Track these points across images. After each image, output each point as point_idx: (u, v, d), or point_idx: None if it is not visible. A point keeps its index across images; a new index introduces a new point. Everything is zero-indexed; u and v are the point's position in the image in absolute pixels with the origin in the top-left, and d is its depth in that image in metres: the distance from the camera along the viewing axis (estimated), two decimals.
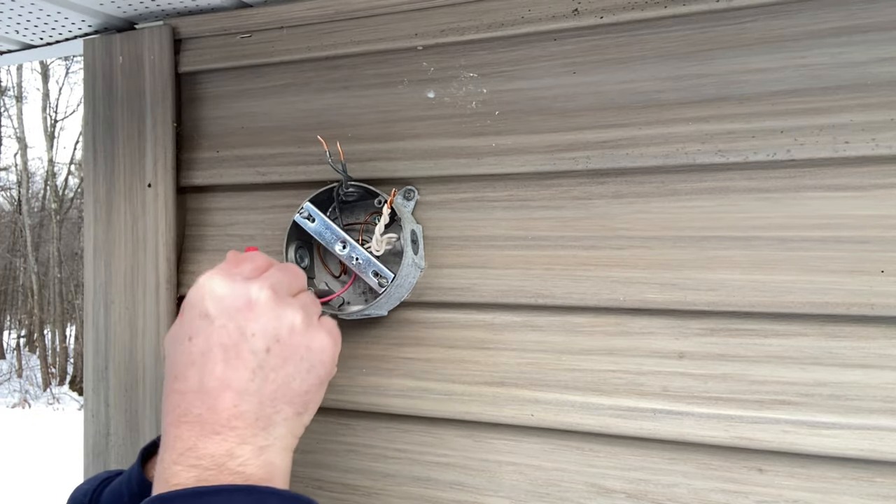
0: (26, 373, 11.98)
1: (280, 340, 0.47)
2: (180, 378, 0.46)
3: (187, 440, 0.44)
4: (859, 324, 0.54)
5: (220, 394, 0.45)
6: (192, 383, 0.45)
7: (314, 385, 0.48)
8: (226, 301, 0.47)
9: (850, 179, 0.55)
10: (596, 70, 0.61)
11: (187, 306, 0.48)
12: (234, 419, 0.44)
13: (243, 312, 0.46)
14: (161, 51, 0.74)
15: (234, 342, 0.46)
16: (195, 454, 0.43)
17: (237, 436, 0.44)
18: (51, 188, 12.59)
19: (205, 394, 0.45)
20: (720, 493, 0.57)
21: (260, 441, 0.45)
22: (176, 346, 0.47)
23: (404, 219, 0.64)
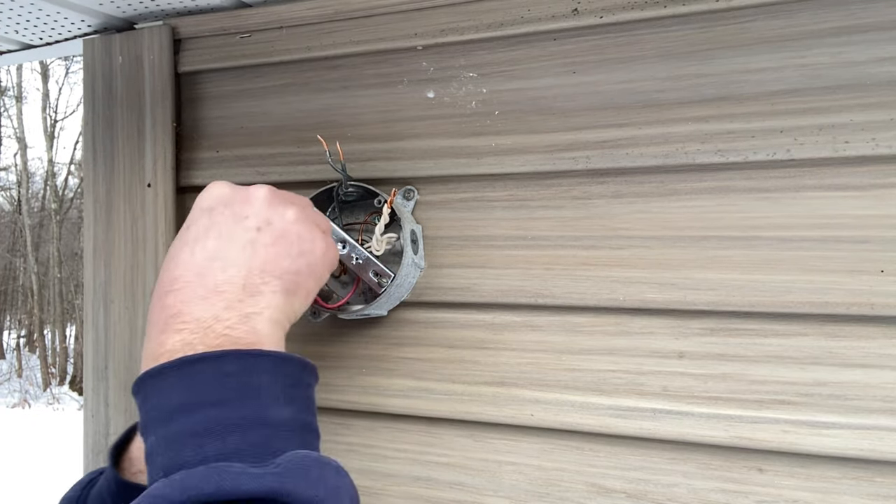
0: (26, 373, 11.97)
1: (272, 223, 0.49)
2: (172, 258, 0.47)
3: (172, 307, 0.44)
4: (859, 324, 0.54)
5: (209, 263, 0.46)
6: (184, 258, 0.46)
7: (303, 268, 0.49)
8: (225, 196, 0.49)
9: (850, 179, 0.55)
10: (596, 70, 0.61)
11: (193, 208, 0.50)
12: (222, 284, 0.45)
13: (240, 203, 0.49)
14: (161, 51, 0.74)
15: (228, 225, 0.48)
16: (180, 319, 0.44)
17: (223, 300, 0.44)
18: (51, 188, 12.59)
19: (194, 265, 0.46)
20: (720, 492, 0.57)
21: (247, 307, 0.45)
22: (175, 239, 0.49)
23: (404, 219, 0.64)
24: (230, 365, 0.41)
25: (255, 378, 0.42)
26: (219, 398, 0.40)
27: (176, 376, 0.41)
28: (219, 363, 0.41)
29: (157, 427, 0.40)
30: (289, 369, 0.44)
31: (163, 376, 0.41)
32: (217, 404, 0.40)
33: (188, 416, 0.40)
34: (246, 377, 0.41)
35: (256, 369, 0.42)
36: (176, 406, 0.40)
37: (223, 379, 0.41)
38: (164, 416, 0.40)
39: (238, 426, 0.40)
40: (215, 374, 0.41)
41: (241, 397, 0.41)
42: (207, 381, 0.41)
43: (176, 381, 0.41)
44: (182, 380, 0.41)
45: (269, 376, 0.42)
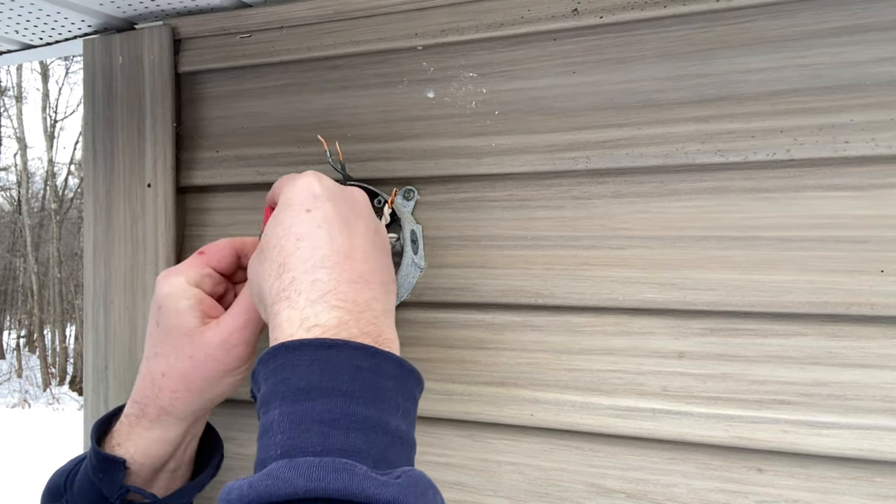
0: (26, 373, 11.98)
1: (378, 232, 0.50)
2: (306, 238, 0.45)
3: (328, 283, 0.43)
4: (859, 324, 0.54)
5: (351, 250, 0.45)
6: (323, 240, 0.45)
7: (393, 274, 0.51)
8: (334, 189, 0.49)
9: (850, 179, 0.55)
10: (596, 70, 0.61)
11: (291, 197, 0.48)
12: (367, 274, 0.45)
13: (349, 201, 0.49)
14: (161, 51, 0.74)
15: (351, 218, 0.48)
16: (338, 296, 0.43)
17: (371, 290, 0.44)
18: (51, 188, 12.59)
19: (339, 247, 0.45)
20: (720, 493, 0.57)
21: (387, 303, 0.46)
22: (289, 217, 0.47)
23: (404, 219, 0.64)
24: (363, 360, 0.41)
25: (382, 380, 0.41)
26: (350, 389, 0.39)
27: (311, 357, 0.40)
28: (354, 354, 0.41)
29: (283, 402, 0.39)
30: (409, 381, 0.43)
31: (300, 352, 0.40)
32: (347, 395, 0.39)
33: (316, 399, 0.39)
34: (375, 377, 0.41)
35: (385, 372, 0.41)
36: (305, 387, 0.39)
37: (356, 371, 0.40)
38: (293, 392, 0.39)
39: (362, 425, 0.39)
40: (350, 365, 0.40)
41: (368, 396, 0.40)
42: (342, 369, 0.40)
43: (310, 360, 0.40)
44: (316, 362, 0.40)
45: (393, 382, 0.42)
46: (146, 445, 0.55)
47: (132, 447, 0.55)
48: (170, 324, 0.54)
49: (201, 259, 0.56)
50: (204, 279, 0.56)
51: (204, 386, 0.53)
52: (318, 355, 0.40)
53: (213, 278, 0.57)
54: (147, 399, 0.55)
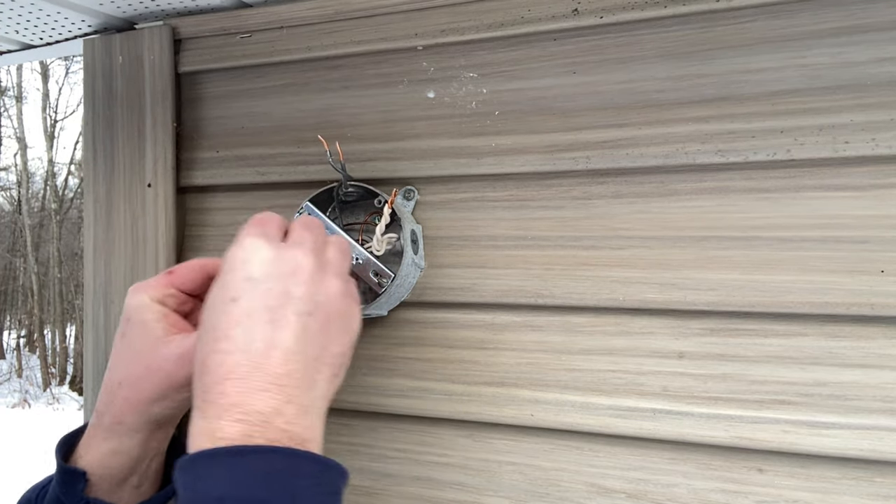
0: (26, 373, 11.97)
1: (319, 305, 0.48)
2: (222, 339, 0.45)
3: (232, 396, 0.43)
4: (859, 324, 0.54)
5: (268, 353, 0.45)
6: (239, 343, 0.45)
7: (347, 347, 0.50)
8: (271, 265, 0.47)
9: (850, 179, 0.55)
10: (596, 70, 0.61)
11: (229, 268, 0.48)
12: (283, 377, 0.44)
13: (288, 277, 0.47)
14: (161, 51, 0.74)
15: (280, 304, 0.46)
16: (241, 410, 0.43)
17: (284, 394, 0.44)
18: (51, 188, 12.59)
19: (252, 353, 0.45)
20: (720, 493, 0.57)
21: (304, 401, 0.45)
22: (218, 307, 0.47)
23: (404, 219, 0.64)
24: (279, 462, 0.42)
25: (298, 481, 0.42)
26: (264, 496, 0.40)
27: (226, 463, 0.41)
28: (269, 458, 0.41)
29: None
30: (331, 476, 0.44)
31: (213, 460, 0.41)
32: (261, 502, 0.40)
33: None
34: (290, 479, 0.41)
35: (301, 472, 0.42)
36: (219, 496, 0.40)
37: (269, 476, 0.41)
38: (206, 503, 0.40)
39: None
40: (263, 469, 0.41)
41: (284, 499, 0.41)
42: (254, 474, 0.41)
43: (225, 468, 0.41)
44: (230, 469, 0.41)
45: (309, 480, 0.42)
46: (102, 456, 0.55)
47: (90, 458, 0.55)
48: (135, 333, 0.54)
49: (168, 279, 0.57)
50: (167, 298, 0.57)
51: (152, 397, 0.54)
52: (231, 463, 0.41)
53: (178, 298, 0.58)
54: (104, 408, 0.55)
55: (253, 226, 0.51)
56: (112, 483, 0.55)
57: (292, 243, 0.50)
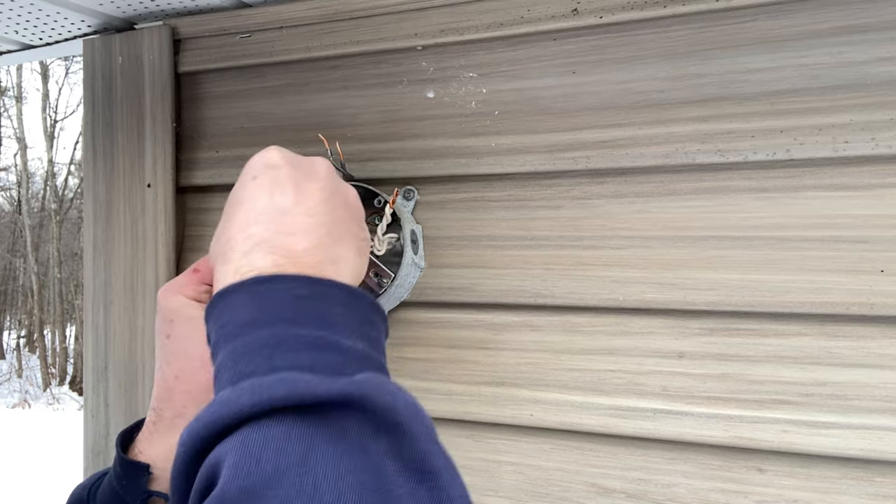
0: (26, 373, 11.98)
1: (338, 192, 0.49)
2: (247, 200, 0.46)
3: (260, 235, 0.43)
4: (859, 323, 0.54)
5: (294, 207, 0.45)
6: (262, 200, 0.45)
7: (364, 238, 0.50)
8: (290, 156, 0.49)
9: (850, 179, 0.55)
10: (596, 70, 0.61)
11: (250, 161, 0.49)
12: (309, 226, 0.44)
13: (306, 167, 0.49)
14: (161, 51, 0.74)
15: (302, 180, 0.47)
16: (269, 245, 0.42)
17: (311, 239, 0.44)
18: (51, 188, 12.60)
19: (278, 205, 0.45)
20: (720, 492, 0.57)
21: (333, 252, 0.45)
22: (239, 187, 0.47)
23: (404, 219, 0.64)
24: (303, 289, 0.40)
25: (328, 307, 0.40)
26: (293, 316, 0.38)
27: (249, 293, 0.40)
28: (292, 285, 0.40)
29: (226, 343, 0.39)
30: (362, 306, 0.42)
31: (237, 293, 0.40)
32: (290, 322, 0.38)
33: (260, 329, 0.38)
34: (319, 303, 0.40)
35: (330, 298, 0.40)
36: (247, 320, 0.39)
37: (296, 301, 0.39)
38: (234, 330, 0.39)
39: (312, 345, 0.37)
40: (290, 295, 0.39)
41: (315, 321, 0.39)
42: (281, 299, 0.39)
43: (249, 297, 0.40)
44: (255, 297, 0.39)
45: (341, 308, 0.40)
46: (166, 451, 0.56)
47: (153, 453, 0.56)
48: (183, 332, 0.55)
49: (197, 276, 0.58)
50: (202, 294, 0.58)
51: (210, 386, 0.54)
52: (255, 290, 0.40)
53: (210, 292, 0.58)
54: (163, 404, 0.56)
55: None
56: None
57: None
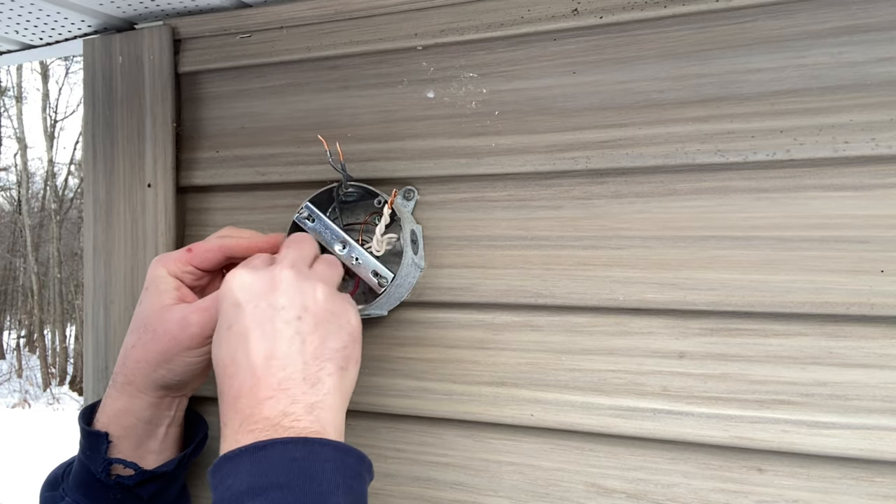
0: (26, 373, 11.97)
1: (308, 308, 0.51)
2: (228, 363, 0.50)
3: (244, 411, 0.47)
4: (859, 324, 0.54)
5: (266, 363, 0.48)
6: (241, 363, 0.49)
7: (348, 341, 0.52)
8: (252, 286, 0.52)
9: (850, 179, 0.55)
10: (596, 70, 0.61)
11: (220, 301, 0.53)
12: (284, 382, 0.48)
13: (269, 293, 0.51)
14: (161, 51, 0.74)
15: (268, 317, 0.50)
16: (252, 421, 0.47)
17: (288, 396, 0.48)
18: (51, 188, 12.59)
19: (252, 368, 0.49)
20: (720, 493, 0.57)
21: (310, 398, 0.48)
22: (218, 338, 0.52)
23: (404, 219, 0.64)
24: (297, 451, 0.45)
25: (318, 465, 0.45)
26: (285, 482, 0.43)
27: (248, 459, 0.44)
28: (287, 448, 0.45)
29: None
30: (349, 461, 0.47)
31: (239, 458, 0.45)
32: (283, 488, 0.43)
33: (256, 498, 0.43)
34: (310, 463, 0.44)
35: (320, 457, 0.45)
36: (246, 489, 0.43)
37: (290, 463, 0.44)
38: (235, 497, 0.44)
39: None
40: (283, 459, 0.44)
41: (304, 483, 0.44)
42: (275, 464, 0.44)
43: (248, 463, 0.44)
44: (253, 463, 0.44)
45: (331, 464, 0.45)
46: (115, 413, 0.59)
47: (105, 418, 0.59)
48: (148, 301, 0.59)
49: (186, 256, 0.61)
50: (184, 274, 0.61)
51: (159, 359, 0.57)
52: (254, 456, 0.45)
53: (194, 274, 0.62)
54: (118, 369, 0.60)
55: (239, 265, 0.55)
56: (131, 445, 0.59)
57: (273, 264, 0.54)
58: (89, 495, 0.58)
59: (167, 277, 0.60)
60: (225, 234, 0.63)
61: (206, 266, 0.61)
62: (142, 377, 0.58)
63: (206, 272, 0.62)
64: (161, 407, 0.60)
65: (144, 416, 0.59)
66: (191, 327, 0.56)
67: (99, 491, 0.58)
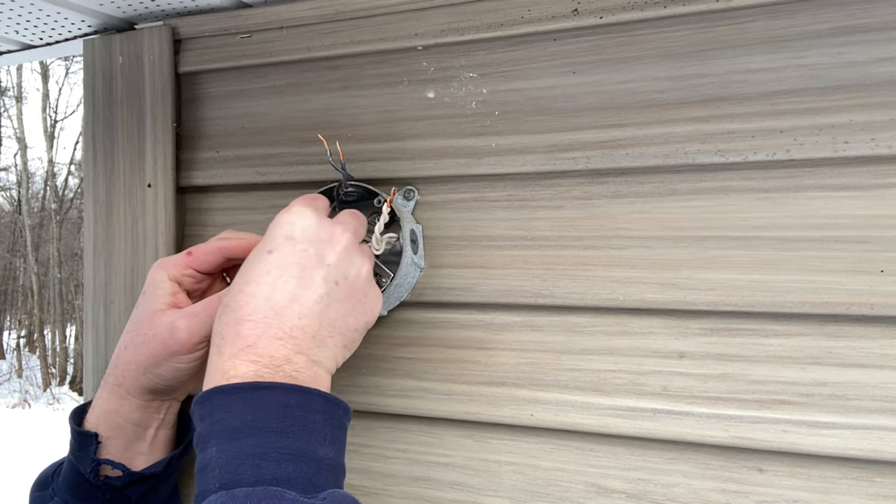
0: (26, 373, 11.98)
1: (347, 278, 0.52)
2: (252, 282, 0.50)
3: (248, 338, 0.47)
4: (859, 324, 0.54)
5: (288, 305, 0.49)
6: (265, 289, 0.49)
7: (361, 326, 0.53)
8: (311, 230, 0.52)
9: (850, 179, 0.55)
10: (596, 70, 0.61)
11: (273, 226, 0.53)
12: (296, 330, 0.48)
13: (325, 244, 0.52)
14: (161, 51, 0.74)
15: (311, 266, 0.50)
16: (255, 352, 0.47)
17: (295, 345, 0.48)
18: (51, 188, 12.60)
19: (274, 301, 0.49)
20: (720, 493, 0.57)
21: (313, 355, 0.49)
22: (255, 256, 0.52)
23: (404, 218, 0.64)
24: (293, 398, 0.45)
25: (310, 415, 0.46)
26: (280, 427, 0.44)
27: (244, 399, 0.45)
28: (284, 394, 0.45)
29: (219, 440, 0.44)
30: (336, 412, 0.48)
31: (232, 395, 0.45)
32: (278, 432, 0.44)
33: (251, 437, 0.44)
34: (303, 412, 0.45)
35: (313, 407, 0.46)
36: (241, 426, 0.44)
37: (285, 409, 0.45)
38: (228, 431, 0.44)
39: (292, 456, 0.44)
40: (279, 404, 0.45)
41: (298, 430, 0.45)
42: (272, 408, 0.44)
43: (242, 402, 0.45)
44: (250, 403, 0.45)
45: (321, 415, 0.46)
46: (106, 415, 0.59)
47: (95, 418, 0.60)
48: (144, 306, 0.60)
49: (186, 259, 0.62)
50: (185, 278, 0.62)
51: (148, 363, 0.57)
52: (251, 396, 0.45)
53: (195, 277, 0.62)
54: (110, 370, 0.60)
55: (303, 198, 0.55)
56: (120, 446, 0.60)
57: (336, 220, 0.54)
58: (78, 496, 0.58)
59: (165, 282, 0.60)
60: (224, 237, 0.63)
61: (207, 268, 0.62)
62: (131, 379, 0.58)
63: (206, 275, 0.63)
64: (150, 410, 0.60)
65: (134, 417, 0.59)
66: (178, 332, 0.56)
67: (87, 491, 0.58)
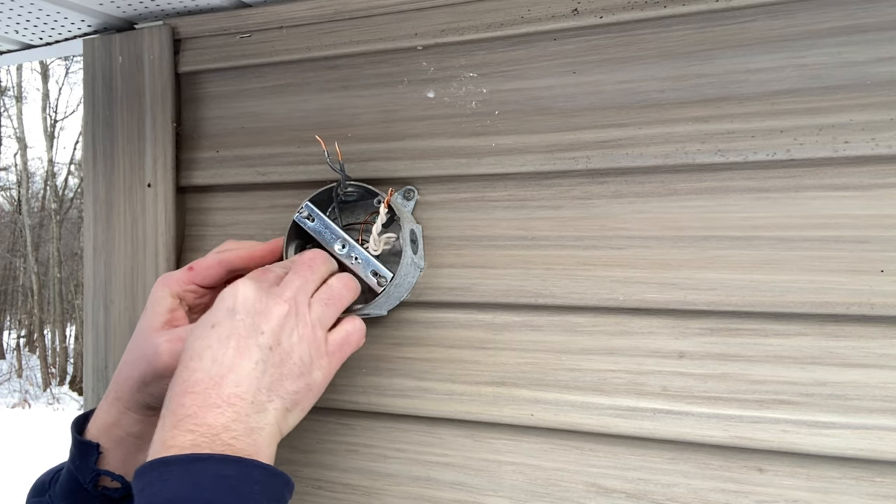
0: (26, 373, 11.98)
1: (281, 344, 0.53)
2: (195, 357, 0.51)
3: (189, 408, 0.48)
4: (859, 323, 0.54)
5: (226, 374, 0.50)
6: (205, 362, 0.51)
7: (302, 389, 0.54)
8: (250, 301, 0.54)
9: (850, 179, 0.55)
10: (596, 70, 0.61)
11: (218, 300, 0.54)
12: (234, 397, 0.49)
13: (259, 315, 0.53)
14: (161, 51, 0.74)
15: (247, 335, 0.52)
16: (194, 421, 0.48)
17: (234, 412, 0.49)
18: (51, 188, 12.60)
19: (213, 373, 0.50)
20: (720, 493, 0.57)
21: (252, 422, 0.50)
22: (199, 330, 0.53)
23: (403, 218, 0.64)
24: (230, 469, 0.46)
25: (248, 486, 0.46)
26: (212, 498, 0.44)
27: (180, 470, 0.45)
28: (221, 465, 0.46)
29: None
30: (276, 484, 0.48)
31: (170, 467, 0.45)
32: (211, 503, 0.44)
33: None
34: (240, 482, 0.46)
35: (251, 478, 0.47)
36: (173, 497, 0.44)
37: (220, 480, 0.45)
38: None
39: None
40: (215, 475, 0.45)
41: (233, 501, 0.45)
42: (206, 478, 0.45)
43: (180, 474, 0.45)
44: (184, 474, 0.45)
45: (259, 486, 0.47)
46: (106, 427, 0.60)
47: (96, 429, 0.60)
48: (143, 323, 0.61)
49: (188, 275, 0.63)
50: (187, 293, 0.63)
51: (140, 382, 0.59)
52: (187, 468, 0.45)
53: (197, 292, 0.63)
54: (111, 384, 0.61)
55: (253, 272, 0.57)
56: (120, 458, 0.60)
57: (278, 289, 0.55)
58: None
59: (166, 298, 0.61)
60: (224, 249, 0.64)
61: (208, 282, 0.63)
62: (128, 395, 0.59)
63: (208, 289, 0.64)
64: (149, 424, 0.60)
65: (134, 431, 0.60)
66: (162, 356, 0.57)
67: (85, 501, 0.59)
